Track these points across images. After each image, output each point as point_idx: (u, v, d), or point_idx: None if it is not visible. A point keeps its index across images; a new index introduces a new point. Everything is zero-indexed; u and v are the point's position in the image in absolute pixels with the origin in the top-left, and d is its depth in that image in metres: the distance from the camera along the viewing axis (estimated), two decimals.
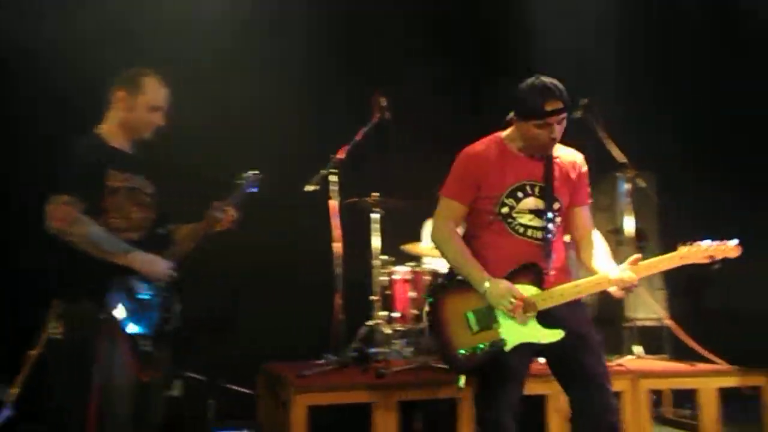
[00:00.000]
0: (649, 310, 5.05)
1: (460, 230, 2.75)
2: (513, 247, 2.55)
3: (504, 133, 2.69)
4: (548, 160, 2.61)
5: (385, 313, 4.68)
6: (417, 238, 5.10)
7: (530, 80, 2.54)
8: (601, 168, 5.41)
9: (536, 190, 2.58)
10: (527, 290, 2.46)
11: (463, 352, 2.43)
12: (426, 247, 4.57)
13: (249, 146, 4.95)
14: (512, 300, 2.41)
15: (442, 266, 4.95)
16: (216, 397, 4.32)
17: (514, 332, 2.43)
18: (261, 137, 5.19)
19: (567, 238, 2.79)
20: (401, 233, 5.10)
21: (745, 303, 5.85)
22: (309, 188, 4.29)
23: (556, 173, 2.62)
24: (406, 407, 4.19)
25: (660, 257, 2.56)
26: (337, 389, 3.48)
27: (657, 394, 4.89)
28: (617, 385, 3.93)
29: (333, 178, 4.35)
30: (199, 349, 4.36)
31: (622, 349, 4.85)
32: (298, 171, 4.44)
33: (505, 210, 2.56)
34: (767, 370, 4.15)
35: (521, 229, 2.56)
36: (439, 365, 4.02)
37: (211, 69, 5.28)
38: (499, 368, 2.46)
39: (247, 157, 4.83)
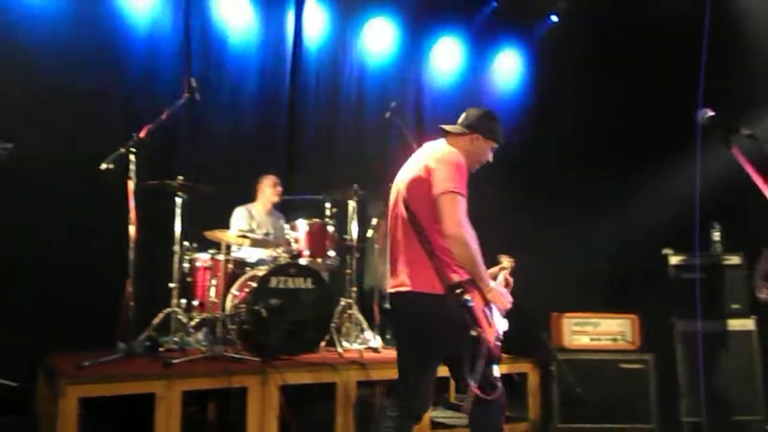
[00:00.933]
0: None
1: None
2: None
3: (452, 141, 2.96)
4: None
5: (184, 301, 4.56)
6: (225, 225, 5.02)
7: (489, 110, 3.03)
8: None
9: None
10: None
11: (498, 343, 2.76)
12: (232, 235, 4.51)
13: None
14: (509, 300, 2.82)
15: (248, 255, 4.94)
16: None
17: (501, 323, 2.82)
18: (55, 112, 4.79)
19: None
20: (210, 219, 4.98)
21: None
22: (104, 166, 4.03)
23: None
24: (198, 398, 4.13)
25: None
26: (115, 380, 3.31)
27: (443, 380, 5.31)
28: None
29: (132, 158, 4.13)
30: None
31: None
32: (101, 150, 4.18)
33: None
34: (532, 358, 4.69)
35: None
36: (235, 355, 4.02)
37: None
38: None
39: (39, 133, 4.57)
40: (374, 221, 5.35)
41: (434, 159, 2.78)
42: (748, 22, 5.50)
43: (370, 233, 5.36)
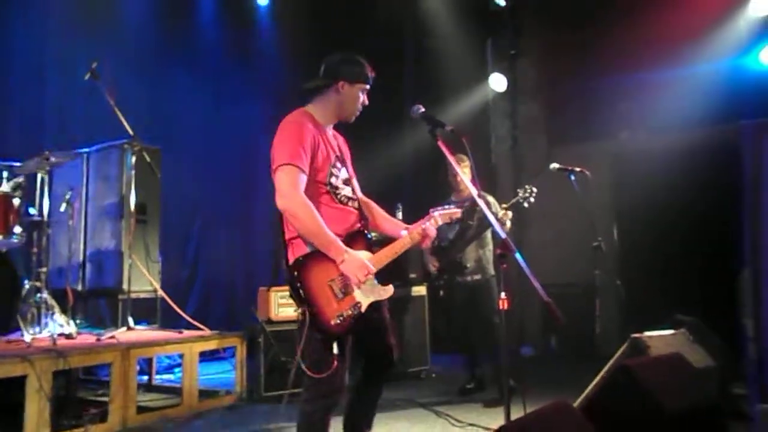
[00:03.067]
0: (145, 282, 5.17)
1: None
2: (341, 216, 2.68)
3: (309, 107, 2.75)
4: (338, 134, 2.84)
5: None
6: None
7: (346, 53, 2.76)
8: (104, 137, 5.32)
9: (339, 161, 2.75)
10: (363, 255, 2.63)
11: (337, 321, 2.51)
12: None
13: None
14: (367, 271, 2.57)
15: None
16: None
17: (365, 294, 2.62)
18: None
19: None
20: None
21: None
22: None
23: (342, 147, 2.84)
24: None
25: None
26: None
27: (148, 362, 5.10)
28: (108, 357, 3.96)
29: None
30: None
31: (117, 322, 4.88)
32: None
33: (333, 180, 2.68)
34: (240, 333, 4.81)
35: (345, 200, 2.72)
36: None
37: None
38: (360, 327, 2.60)
39: None
40: (67, 195, 4.80)
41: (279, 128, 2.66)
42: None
43: (62, 207, 4.80)
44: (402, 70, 6.70)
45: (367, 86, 2.77)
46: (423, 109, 2.73)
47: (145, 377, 5.09)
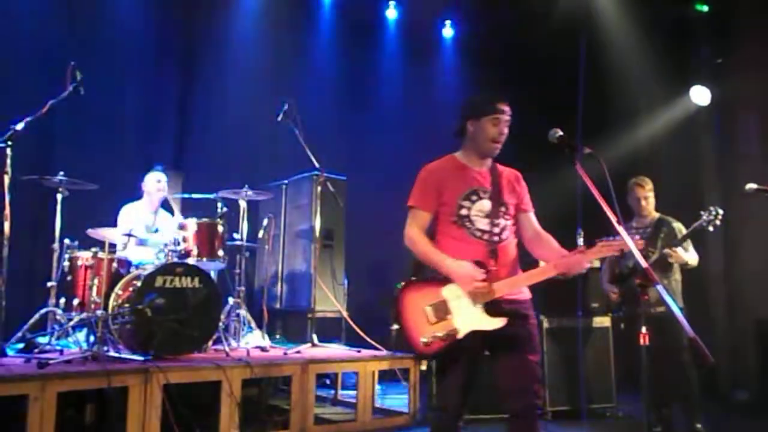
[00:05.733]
0: (330, 303, 5.58)
1: None
2: (463, 247, 2.74)
3: (457, 153, 2.92)
4: (494, 170, 2.89)
5: (63, 300, 4.43)
6: (109, 223, 4.91)
7: (473, 94, 2.92)
8: (299, 169, 5.88)
9: (487, 194, 2.82)
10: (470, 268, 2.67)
11: (424, 340, 2.64)
12: (116, 233, 4.43)
13: None
14: (476, 278, 2.61)
15: (134, 254, 4.86)
16: None
17: (465, 321, 2.64)
18: None
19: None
20: (95, 217, 4.87)
21: None
22: None
23: (503, 182, 2.88)
24: (76, 400, 4.02)
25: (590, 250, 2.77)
26: None
27: (331, 378, 5.47)
28: (289, 370, 4.34)
29: (8, 152, 3.97)
30: None
31: (305, 337, 5.33)
32: None
33: (463, 212, 2.77)
34: (414, 356, 4.93)
35: (478, 233, 2.76)
36: (116, 354, 3.96)
37: None
38: (453, 353, 2.68)
39: None
40: (265, 222, 5.42)
41: None
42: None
43: (260, 234, 5.42)
44: (576, 96, 6.43)
45: (496, 115, 2.77)
46: (561, 133, 2.62)
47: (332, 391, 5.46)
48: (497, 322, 2.62)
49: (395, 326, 2.79)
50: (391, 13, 7.57)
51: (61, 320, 4.25)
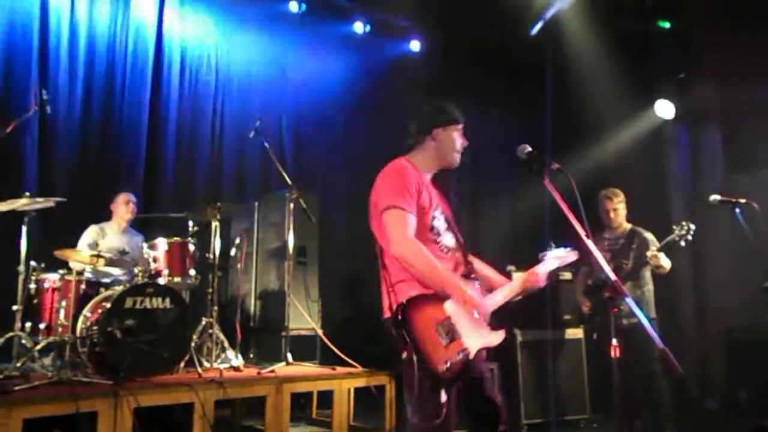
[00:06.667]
0: (304, 320, 5.53)
1: None
2: (445, 263, 2.61)
3: (409, 156, 2.76)
4: (443, 184, 2.81)
5: (29, 324, 4.32)
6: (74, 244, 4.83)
7: (432, 103, 2.79)
8: (270, 187, 5.86)
9: (440, 209, 2.71)
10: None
11: (444, 367, 2.40)
12: (84, 255, 4.34)
13: None
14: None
15: (102, 275, 4.78)
16: None
17: (473, 339, 2.50)
18: None
19: None
20: (63, 238, 4.78)
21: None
22: None
23: (441, 198, 2.78)
24: (43, 426, 3.91)
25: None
26: None
27: (306, 396, 5.41)
28: (263, 390, 4.28)
29: None
30: None
31: (279, 356, 5.26)
32: None
33: (436, 223, 2.64)
34: (390, 372, 4.92)
35: (445, 249, 2.65)
36: (84, 379, 3.87)
37: None
38: (468, 374, 2.51)
39: None
40: (237, 240, 5.37)
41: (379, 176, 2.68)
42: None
43: (233, 252, 5.37)
44: (543, 110, 6.56)
45: (461, 125, 2.75)
46: (530, 149, 2.67)
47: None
48: (500, 335, 2.59)
49: (404, 355, 2.42)
50: (359, 27, 7.51)
51: (26, 344, 4.14)
